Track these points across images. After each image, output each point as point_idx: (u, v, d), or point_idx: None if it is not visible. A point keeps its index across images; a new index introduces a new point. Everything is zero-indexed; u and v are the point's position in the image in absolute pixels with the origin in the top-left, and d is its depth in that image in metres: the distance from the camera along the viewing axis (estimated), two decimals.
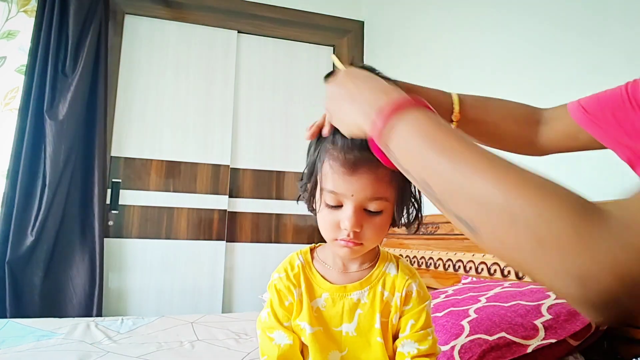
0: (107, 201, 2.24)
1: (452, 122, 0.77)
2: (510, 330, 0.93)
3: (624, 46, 1.15)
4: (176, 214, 2.35)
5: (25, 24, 2.19)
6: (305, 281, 0.70)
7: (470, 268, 1.49)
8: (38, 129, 2.05)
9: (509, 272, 1.34)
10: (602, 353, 1.05)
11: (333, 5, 2.70)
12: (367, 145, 0.56)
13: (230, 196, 2.45)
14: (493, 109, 0.78)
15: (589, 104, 0.69)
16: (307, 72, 2.67)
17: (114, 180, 2.27)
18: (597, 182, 1.18)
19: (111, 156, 2.29)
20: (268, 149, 2.54)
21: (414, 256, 1.81)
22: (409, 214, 0.67)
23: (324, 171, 0.62)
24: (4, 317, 1.84)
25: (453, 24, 1.89)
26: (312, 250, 0.74)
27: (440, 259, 1.66)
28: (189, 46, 2.48)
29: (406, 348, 0.67)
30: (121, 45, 2.36)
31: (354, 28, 2.74)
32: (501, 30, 1.60)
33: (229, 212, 2.43)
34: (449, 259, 1.61)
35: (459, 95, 0.77)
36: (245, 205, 2.48)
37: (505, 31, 1.58)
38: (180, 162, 2.39)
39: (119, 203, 2.26)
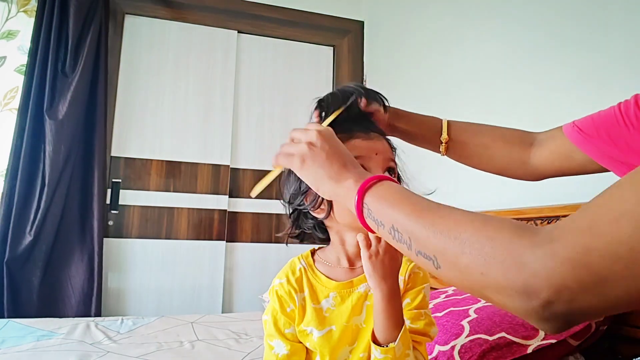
0: (107, 201, 2.24)
1: (441, 144, 0.79)
2: (511, 330, 0.93)
3: (622, 54, 1.14)
4: (176, 214, 2.35)
5: (25, 24, 2.19)
6: (308, 285, 0.71)
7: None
8: (38, 129, 2.05)
9: None
10: (602, 353, 1.05)
11: (333, 5, 2.70)
12: (376, 127, 0.70)
13: (231, 196, 2.45)
14: (482, 132, 0.81)
15: (583, 124, 0.70)
16: (307, 72, 2.67)
17: (114, 180, 2.27)
18: (596, 178, 1.18)
19: (111, 156, 2.28)
20: (268, 149, 2.54)
21: None
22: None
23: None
24: (2, 316, 1.84)
25: (453, 23, 1.89)
26: (312, 253, 0.75)
27: None
28: (189, 46, 2.48)
29: None
30: (121, 45, 2.36)
31: (354, 28, 2.74)
32: (500, 29, 1.60)
33: (229, 212, 2.43)
34: None
35: (448, 120, 0.81)
36: (246, 205, 2.48)
37: (504, 31, 1.58)
38: (180, 162, 2.39)
39: (119, 203, 2.26)
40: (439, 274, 0.42)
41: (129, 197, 2.29)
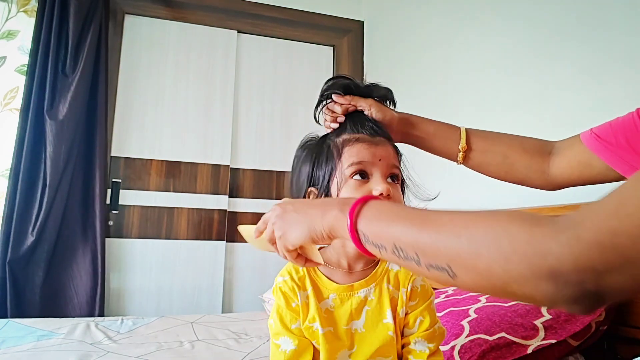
0: (107, 201, 2.24)
1: (459, 152, 0.78)
2: (511, 331, 0.93)
3: (623, 51, 1.14)
4: (176, 214, 2.35)
5: (25, 24, 2.19)
6: (312, 284, 0.71)
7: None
8: (38, 129, 2.05)
9: None
10: (602, 353, 1.05)
11: (333, 5, 2.70)
12: (381, 130, 0.70)
13: (230, 196, 2.45)
14: (501, 140, 0.79)
15: (601, 132, 0.69)
16: (307, 72, 2.67)
17: (114, 180, 2.27)
18: None
19: (111, 156, 2.28)
20: (268, 149, 2.54)
21: None
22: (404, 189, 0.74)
23: (346, 151, 0.67)
24: (5, 317, 1.84)
25: (453, 23, 1.89)
26: None
27: None
28: (189, 46, 2.48)
29: (418, 346, 0.69)
30: (121, 45, 2.36)
31: (354, 28, 2.74)
32: (500, 29, 1.60)
33: (229, 212, 2.43)
34: None
35: (467, 128, 0.80)
36: (245, 205, 2.48)
37: (504, 30, 1.58)
38: (180, 162, 2.39)
39: (119, 203, 2.26)
40: (455, 283, 0.40)
41: (129, 197, 2.29)
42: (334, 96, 0.72)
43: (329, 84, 0.73)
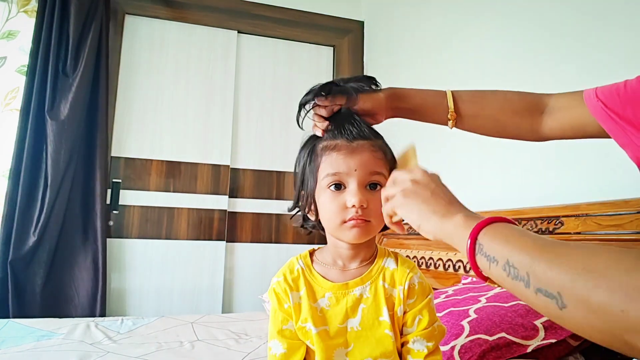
0: (108, 201, 2.24)
1: (449, 121, 0.78)
2: (510, 330, 0.93)
3: (623, 49, 1.14)
4: (176, 214, 2.35)
5: (26, 24, 2.19)
6: (305, 284, 0.71)
7: (471, 268, 1.49)
8: (39, 130, 2.05)
9: None
10: (602, 353, 1.05)
11: (333, 5, 2.70)
12: (362, 132, 0.67)
13: (231, 196, 2.45)
14: (490, 102, 0.79)
15: (607, 99, 0.65)
16: (307, 72, 2.67)
17: (114, 180, 2.28)
18: (595, 179, 1.18)
19: (111, 156, 2.29)
20: (268, 149, 2.54)
21: (414, 256, 1.81)
22: None
23: (324, 160, 0.67)
24: (7, 317, 1.85)
25: (453, 23, 1.89)
26: (311, 254, 0.75)
27: (440, 259, 1.66)
28: (189, 46, 2.48)
29: (417, 345, 0.68)
30: (121, 45, 2.36)
31: (354, 28, 2.74)
32: (501, 28, 1.60)
33: (229, 212, 2.44)
34: (449, 259, 1.61)
35: (453, 92, 0.78)
36: (245, 206, 2.48)
37: (504, 30, 1.58)
38: (180, 162, 2.39)
39: (119, 203, 2.27)
40: (562, 316, 0.37)
41: (129, 197, 2.29)
42: (317, 99, 0.71)
43: (307, 94, 0.71)
